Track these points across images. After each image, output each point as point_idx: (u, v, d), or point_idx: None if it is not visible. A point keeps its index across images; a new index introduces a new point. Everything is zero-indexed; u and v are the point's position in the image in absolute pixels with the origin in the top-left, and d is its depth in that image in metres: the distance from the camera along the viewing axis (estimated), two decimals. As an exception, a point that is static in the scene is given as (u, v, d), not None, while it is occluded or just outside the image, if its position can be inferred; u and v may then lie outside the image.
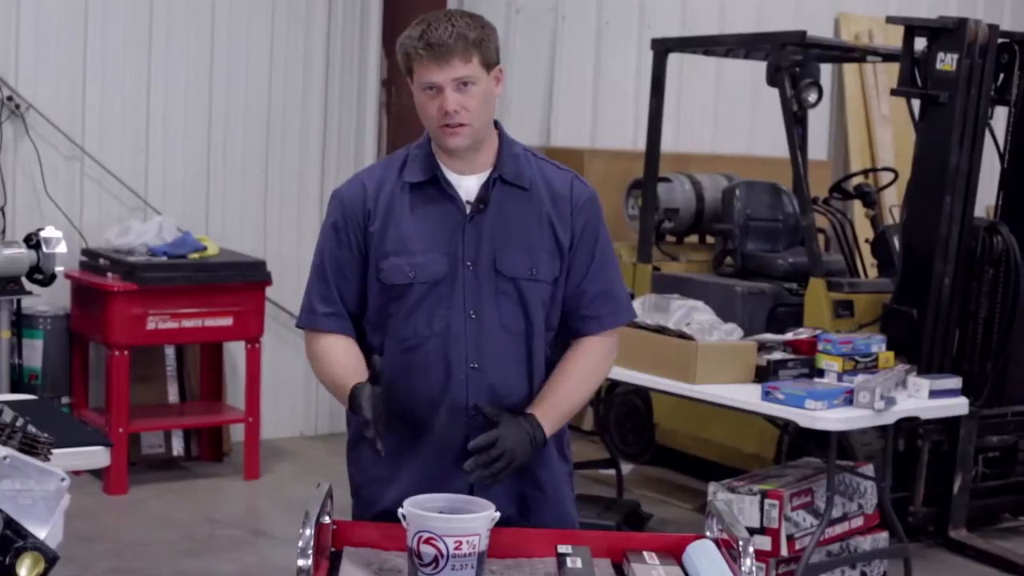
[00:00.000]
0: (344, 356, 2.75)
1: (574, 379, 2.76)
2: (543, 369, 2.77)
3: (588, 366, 2.79)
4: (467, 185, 2.72)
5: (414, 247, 2.69)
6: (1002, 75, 5.93)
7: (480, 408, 2.64)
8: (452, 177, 2.72)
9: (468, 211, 2.71)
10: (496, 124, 2.77)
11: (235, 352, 6.83)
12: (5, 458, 2.33)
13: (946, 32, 5.76)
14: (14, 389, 5.88)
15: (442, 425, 2.70)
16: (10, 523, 2.28)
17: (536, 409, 2.69)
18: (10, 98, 6.33)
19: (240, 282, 6.37)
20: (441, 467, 2.70)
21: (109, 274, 6.17)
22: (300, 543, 2.27)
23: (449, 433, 2.70)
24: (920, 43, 5.90)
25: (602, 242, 2.80)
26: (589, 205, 2.78)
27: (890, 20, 6.30)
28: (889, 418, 4.86)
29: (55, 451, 2.61)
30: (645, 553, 2.52)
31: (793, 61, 6.45)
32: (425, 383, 2.70)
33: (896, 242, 6.45)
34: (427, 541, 2.32)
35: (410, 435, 2.72)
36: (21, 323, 6.17)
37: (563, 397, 2.74)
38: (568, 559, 2.45)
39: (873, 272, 7.01)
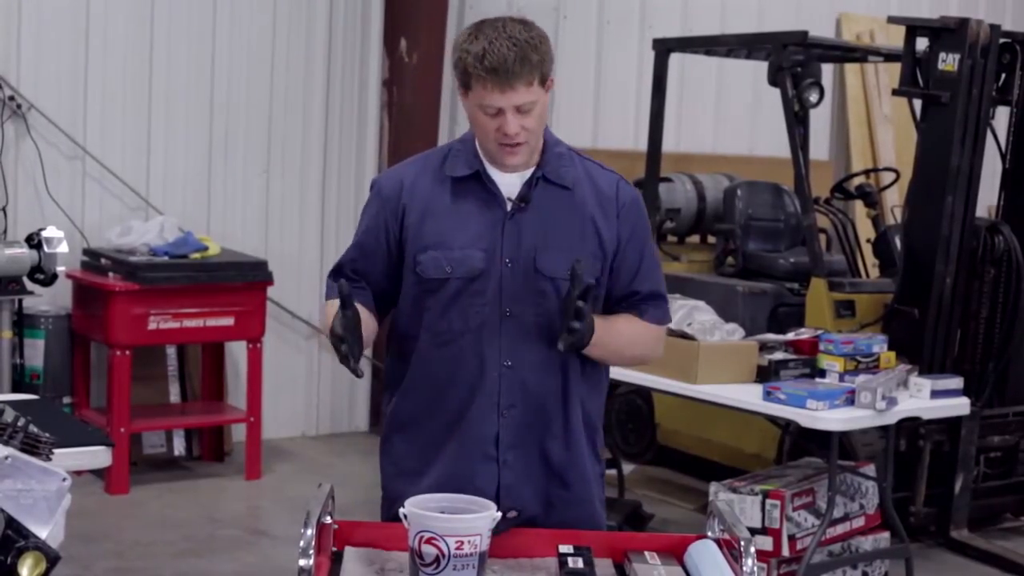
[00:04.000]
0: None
1: (628, 332, 2.76)
2: (578, 369, 2.75)
3: (640, 332, 2.79)
4: (509, 182, 2.72)
5: (452, 242, 2.69)
6: (1003, 75, 5.93)
7: (574, 269, 2.57)
8: (494, 174, 2.72)
9: (509, 208, 2.70)
10: None
11: (236, 352, 6.83)
12: (7, 458, 2.33)
13: (947, 32, 5.76)
14: (16, 389, 5.88)
15: (473, 421, 2.70)
16: (12, 523, 2.28)
17: (597, 322, 2.65)
18: (12, 98, 6.34)
19: (241, 282, 6.37)
20: (470, 463, 2.70)
21: (111, 274, 6.18)
22: (301, 543, 2.27)
23: (479, 429, 2.69)
24: (922, 43, 5.90)
25: (649, 244, 2.82)
26: (635, 207, 2.79)
27: (891, 20, 6.31)
28: (890, 418, 4.86)
29: (56, 451, 2.61)
30: (647, 553, 2.52)
31: (794, 61, 6.45)
32: (458, 378, 2.70)
33: (897, 242, 6.44)
34: (428, 541, 2.32)
35: (441, 430, 2.72)
36: (23, 323, 6.18)
37: (617, 336, 2.73)
38: (569, 559, 2.45)
39: (875, 272, 7.00)
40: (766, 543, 4.86)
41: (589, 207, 2.73)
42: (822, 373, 5.03)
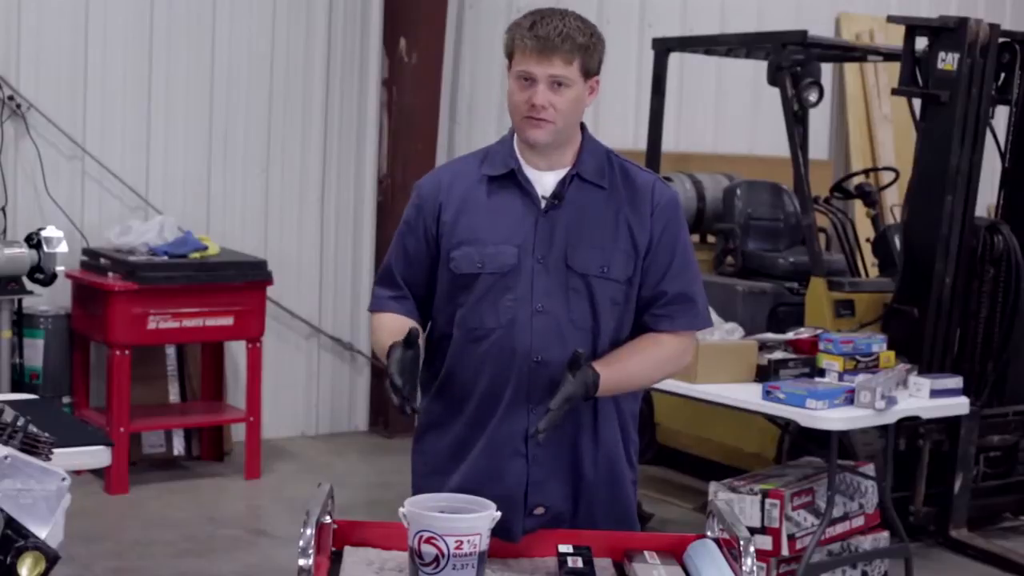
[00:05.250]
0: (391, 322, 2.76)
1: (643, 361, 2.75)
2: None
3: (659, 355, 2.78)
4: (545, 181, 2.74)
5: (486, 238, 2.71)
6: (1003, 74, 5.93)
7: (578, 352, 2.59)
8: (530, 172, 2.74)
9: (543, 206, 2.72)
10: (581, 125, 2.79)
11: (236, 352, 6.83)
12: (6, 458, 2.33)
13: (947, 32, 5.76)
14: (15, 389, 5.89)
15: (502, 417, 2.71)
16: (11, 523, 2.28)
17: (601, 369, 2.65)
18: (11, 98, 6.34)
19: (241, 282, 6.37)
20: (499, 459, 2.71)
21: (110, 274, 6.17)
22: (301, 543, 2.27)
23: (509, 425, 2.70)
24: (921, 43, 5.90)
25: (683, 245, 2.81)
26: (671, 207, 2.79)
27: (891, 20, 6.30)
28: (890, 418, 4.86)
29: (56, 451, 2.61)
30: (646, 553, 2.53)
31: (794, 61, 6.45)
32: (489, 374, 2.71)
33: (897, 241, 6.45)
34: (428, 540, 2.32)
35: (471, 426, 2.74)
36: (22, 323, 6.18)
37: (628, 372, 2.73)
38: (569, 559, 2.45)
39: (874, 272, 7.00)
40: (765, 543, 4.86)
41: (623, 206, 2.75)
42: (821, 372, 5.03)
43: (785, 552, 4.92)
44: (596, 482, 2.76)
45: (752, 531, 3.91)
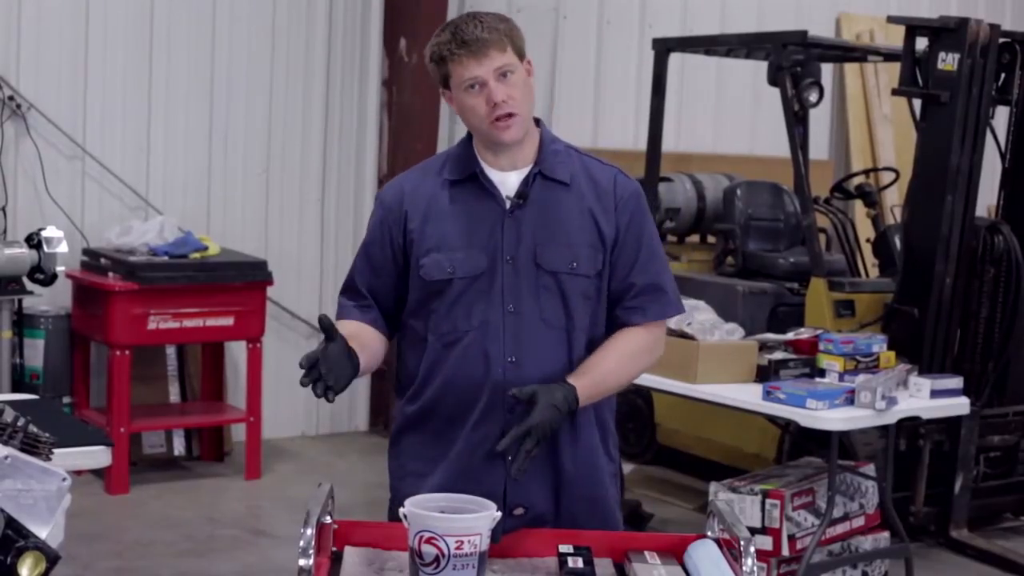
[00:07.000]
0: (345, 327, 2.72)
1: (617, 359, 2.76)
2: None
3: (632, 350, 2.78)
4: (507, 181, 2.74)
5: (454, 243, 2.72)
6: (1003, 75, 5.93)
7: (515, 395, 2.60)
8: (492, 174, 2.74)
9: (508, 206, 2.72)
10: (537, 121, 2.79)
11: (236, 352, 6.83)
12: (6, 458, 2.33)
13: (947, 32, 5.76)
14: (15, 389, 5.89)
15: (479, 419, 2.71)
16: (11, 523, 2.28)
17: (575, 380, 2.67)
18: (11, 98, 6.34)
19: (241, 282, 6.37)
20: (476, 461, 2.71)
21: (110, 274, 6.17)
22: (301, 543, 2.27)
23: (486, 427, 2.70)
24: (921, 43, 5.90)
25: (648, 235, 2.81)
26: (634, 199, 2.80)
27: (891, 20, 6.30)
28: (890, 418, 4.86)
29: (56, 451, 2.61)
30: (646, 553, 2.52)
31: (794, 61, 6.45)
32: (465, 377, 2.71)
33: (897, 242, 6.45)
34: (428, 541, 2.32)
35: (449, 429, 2.74)
36: (22, 323, 6.18)
37: (604, 374, 2.73)
38: (569, 559, 2.45)
39: (874, 272, 7.00)
40: (766, 543, 4.86)
41: (587, 201, 2.75)
42: (822, 373, 5.03)
43: (785, 552, 4.92)
44: (576, 479, 2.76)
45: (752, 531, 3.91)
